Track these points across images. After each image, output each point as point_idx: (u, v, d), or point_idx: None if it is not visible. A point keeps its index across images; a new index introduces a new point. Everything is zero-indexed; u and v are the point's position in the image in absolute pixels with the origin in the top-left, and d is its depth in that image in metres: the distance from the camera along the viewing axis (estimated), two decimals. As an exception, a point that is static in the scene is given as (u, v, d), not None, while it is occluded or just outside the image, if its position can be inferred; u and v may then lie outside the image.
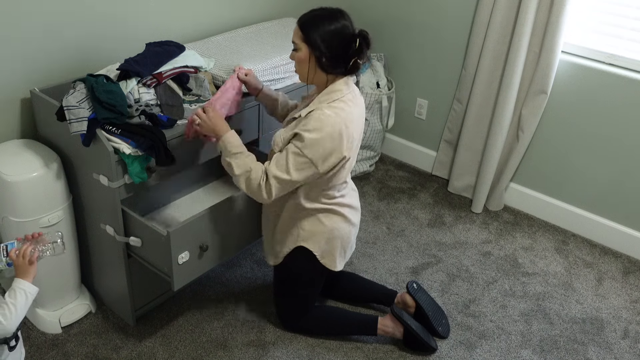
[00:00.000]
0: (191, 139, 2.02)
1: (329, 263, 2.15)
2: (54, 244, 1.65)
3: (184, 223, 1.94)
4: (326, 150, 1.86)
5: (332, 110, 1.88)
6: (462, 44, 3.07)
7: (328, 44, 1.85)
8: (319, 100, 1.93)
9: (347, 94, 1.94)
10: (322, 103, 1.91)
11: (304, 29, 1.88)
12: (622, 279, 2.78)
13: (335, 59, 1.88)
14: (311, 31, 1.86)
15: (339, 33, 1.85)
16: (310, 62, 1.91)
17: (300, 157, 1.85)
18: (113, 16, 2.31)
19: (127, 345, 2.24)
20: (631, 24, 2.64)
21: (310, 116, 1.89)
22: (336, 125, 1.86)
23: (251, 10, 2.88)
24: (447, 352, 2.32)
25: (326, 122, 1.85)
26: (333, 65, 1.89)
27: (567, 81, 2.82)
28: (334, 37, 1.85)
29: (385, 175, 3.45)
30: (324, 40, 1.85)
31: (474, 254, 2.87)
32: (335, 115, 1.87)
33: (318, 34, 1.85)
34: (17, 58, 2.08)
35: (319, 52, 1.86)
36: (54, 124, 2.01)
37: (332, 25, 1.85)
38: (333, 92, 1.92)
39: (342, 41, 1.86)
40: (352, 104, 1.94)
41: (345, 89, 1.93)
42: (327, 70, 1.91)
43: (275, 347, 2.29)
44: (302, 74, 1.96)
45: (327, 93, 1.93)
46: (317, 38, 1.85)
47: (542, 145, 3.02)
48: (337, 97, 1.91)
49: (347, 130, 1.90)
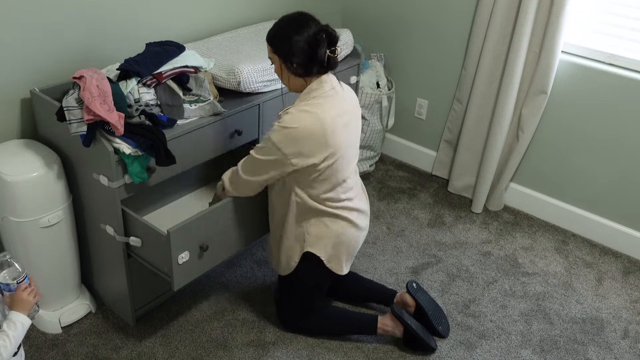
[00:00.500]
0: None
1: (336, 267, 2.15)
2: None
3: (184, 223, 1.94)
4: (292, 139, 1.88)
5: (308, 107, 1.92)
6: (462, 44, 3.07)
7: (294, 49, 1.90)
8: (299, 99, 1.99)
9: (327, 90, 1.95)
10: (301, 101, 1.96)
11: (270, 41, 1.97)
12: (622, 279, 2.78)
13: (305, 62, 1.91)
14: (276, 42, 1.95)
15: (302, 36, 1.89)
16: (283, 71, 1.97)
17: (267, 141, 1.92)
18: (113, 16, 2.31)
19: (127, 345, 2.24)
20: (631, 24, 2.64)
21: (285, 111, 1.95)
22: (309, 122, 1.89)
23: (251, 10, 2.88)
24: (447, 352, 2.32)
25: (298, 117, 1.89)
26: (305, 68, 1.93)
27: (567, 81, 2.82)
28: (299, 42, 1.89)
29: (385, 175, 3.45)
30: (290, 47, 1.90)
31: (474, 254, 2.87)
32: (311, 110, 1.90)
33: (283, 42, 1.92)
34: (17, 58, 2.08)
35: (288, 60, 1.92)
36: (54, 124, 2.01)
37: (294, 31, 1.90)
38: (312, 90, 1.96)
39: (307, 42, 1.89)
40: (332, 99, 1.95)
41: (325, 86, 1.95)
42: (301, 74, 1.95)
43: (275, 347, 2.29)
44: (284, 83, 2.03)
45: (307, 92, 1.97)
46: (283, 47, 1.92)
47: (542, 145, 3.02)
48: (317, 94, 1.94)
49: (324, 128, 1.90)
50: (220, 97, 2.30)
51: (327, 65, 1.94)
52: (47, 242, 2.10)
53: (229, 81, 2.29)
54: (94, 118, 1.83)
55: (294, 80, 1.98)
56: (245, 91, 2.32)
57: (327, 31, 1.91)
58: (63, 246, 2.17)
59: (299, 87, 1.99)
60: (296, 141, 1.88)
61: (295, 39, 1.88)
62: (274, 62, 1.99)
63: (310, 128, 1.88)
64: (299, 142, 1.88)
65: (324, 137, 1.90)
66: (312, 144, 1.89)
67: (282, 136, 1.89)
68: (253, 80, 2.30)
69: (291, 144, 1.88)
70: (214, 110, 2.17)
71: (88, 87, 1.85)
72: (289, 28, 1.92)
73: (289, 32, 1.91)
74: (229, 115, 2.21)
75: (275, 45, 1.95)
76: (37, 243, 2.08)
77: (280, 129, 1.89)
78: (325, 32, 1.91)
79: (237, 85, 2.29)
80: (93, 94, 1.83)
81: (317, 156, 1.91)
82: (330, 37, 1.92)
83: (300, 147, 1.89)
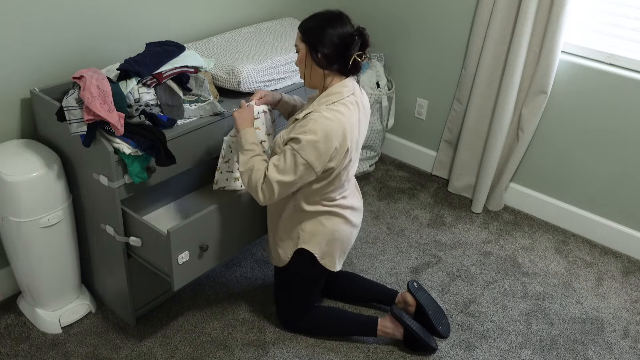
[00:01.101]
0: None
1: (329, 264, 2.15)
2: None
3: (184, 223, 1.94)
4: (322, 153, 1.87)
5: (330, 114, 1.88)
6: (462, 44, 3.07)
7: (325, 39, 1.88)
8: (318, 102, 1.94)
9: (347, 96, 1.94)
10: (321, 105, 1.91)
11: (303, 29, 1.94)
12: (622, 279, 2.78)
13: (331, 55, 1.90)
14: (309, 30, 1.92)
15: (336, 30, 1.88)
16: (307, 61, 1.94)
17: (298, 158, 1.86)
18: (113, 16, 2.31)
19: (127, 345, 2.24)
20: (631, 24, 2.64)
21: (308, 117, 1.89)
22: (334, 130, 1.87)
23: (251, 10, 2.88)
24: (447, 352, 2.32)
25: (323, 124, 1.86)
26: (328, 61, 1.91)
27: (567, 81, 2.82)
28: (332, 35, 1.88)
29: (385, 175, 3.46)
30: (321, 37, 1.88)
31: (474, 254, 2.87)
32: (334, 118, 1.88)
33: (315, 31, 1.90)
34: (17, 58, 2.08)
35: (315, 48, 1.90)
36: (54, 124, 2.01)
37: (330, 24, 1.89)
38: (332, 94, 1.93)
39: (339, 38, 1.88)
40: (352, 107, 1.94)
41: (345, 90, 1.94)
42: (323, 66, 1.92)
43: (275, 347, 2.29)
44: (302, 73, 1.99)
45: (326, 95, 1.94)
46: (314, 35, 1.90)
47: (542, 145, 3.02)
48: (337, 99, 1.92)
49: (345, 136, 1.90)
50: (220, 97, 2.31)
51: (350, 67, 1.93)
52: (47, 242, 2.10)
53: (229, 81, 2.29)
54: (94, 118, 1.83)
55: (315, 72, 1.95)
56: (246, 91, 2.31)
57: (362, 34, 1.90)
58: (63, 246, 2.17)
59: (317, 81, 1.97)
60: (325, 153, 1.87)
61: (329, 32, 1.88)
62: (299, 49, 1.96)
63: (334, 137, 1.87)
64: (325, 154, 1.88)
65: (345, 146, 1.91)
66: (335, 152, 1.90)
67: (311, 152, 1.85)
68: (253, 80, 2.30)
69: (321, 157, 1.87)
70: (214, 110, 2.17)
71: (88, 87, 1.85)
72: (325, 21, 1.91)
73: (325, 24, 1.90)
74: (229, 115, 2.21)
75: (306, 33, 1.92)
76: (37, 243, 2.08)
77: (308, 145, 1.85)
78: (360, 35, 1.90)
79: (237, 85, 2.29)
80: (93, 94, 1.83)
81: (335, 161, 1.93)
82: (364, 40, 1.91)
83: (325, 157, 1.88)
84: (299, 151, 1.85)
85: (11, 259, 2.18)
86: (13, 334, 2.25)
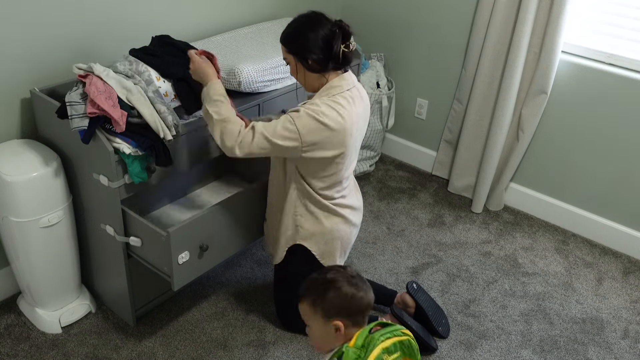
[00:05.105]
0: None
1: (329, 264, 2.15)
2: None
3: (184, 223, 1.94)
4: (314, 130, 1.87)
5: (333, 105, 1.90)
6: (462, 44, 3.07)
7: (309, 45, 1.89)
8: (318, 95, 1.96)
9: (348, 89, 1.95)
10: (322, 97, 1.93)
11: (284, 42, 1.96)
12: (622, 279, 2.78)
13: (320, 58, 1.91)
14: (290, 41, 1.94)
15: (317, 33, 1.89)
16: (299, 71, 1.96)
17: (290, 124, 1.86)
18: (113, 16, 2.31)
19: (127, 345, 2.24)
20: (631, 24, 2.64)
21: (310, 101, 1.92)
22: (333, 121, 1.88)
23: (251, 10, 2.88)
24: (447, 352, 2.32)
25: (323, 109, 1.88)
26: (321, 64, 1.92)
27: (567, 81, 2.82)
28: (315, 39, 1.89)
29: (385, 175, 3.45)
30: (305, 44, 1.90)
31: (474, 254, 2.87)
32: (334, 112, 1.89)
33: (297, 41, 1.92)
34: (17, 58, 2.08)
35: (303, 57, 1.92)
36: (54, 124, 2.01)
37: (308, 28, 1.91)
38: (332, 87, 1.95)
39: (321, 39, 1.89)
40: (352, 101, 1.95)
41: (345, 84, 1.95)
42: (317, 70, 1.94)
43: (275, 347, 2.29)
44: (301, 83, 2.02)
45: (327, 89, 1.96)
46: (297, 45, 1.92)
47: (542, 145, 3.02)
48: (337, 92, 1.93)
49: (346, 130, 1.91)
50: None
51: (342, 60, 1.94)
52: (47, 242, 2.10)
53: (229, 81, 2.29)
54: (97, 112, 1.84)
55: (311, 78, 1.96)
56: (246, 91, 2.31)
57: (340, 26, 1.91)
58: (63, 246, 2.17)
59: (316, 85, 1.98)
60: (319, 132, 1.87)
61: (310, 36, 1.89)
62: (289, 62, 1.98)
63: (333, 124, 1.88)
64: (320, 134, 1.88)
65: (342, 137, 1.92)
66: (330, 140, 1.90)
67: (307, 123, 1.86)
68: (253, 80, 2.30)
69: (313, 133, 1.87)
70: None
71: (95, 82, 1.87)
72: (302, 26, 1.92)
73: (303, 30, 1.91)
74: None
75: (289, 44, 1.94)
76: (37, 243, 2.08)
77: (306, 115, 1.86)
78: (339, 27, 1.91)
79: (238, 86, 2.28)
80: (99, 89, 1.85)
81: (330, 152, 1.92)
82: (344, 31, 1.92)
83: (319, 140, 1.88)
84: (294, 119, 1.86)
85: (11, 259, 2.18)
86: (13, 334, 2.25)
